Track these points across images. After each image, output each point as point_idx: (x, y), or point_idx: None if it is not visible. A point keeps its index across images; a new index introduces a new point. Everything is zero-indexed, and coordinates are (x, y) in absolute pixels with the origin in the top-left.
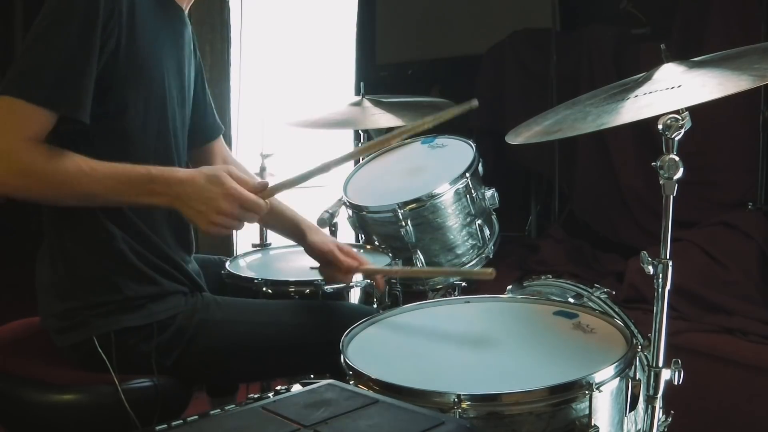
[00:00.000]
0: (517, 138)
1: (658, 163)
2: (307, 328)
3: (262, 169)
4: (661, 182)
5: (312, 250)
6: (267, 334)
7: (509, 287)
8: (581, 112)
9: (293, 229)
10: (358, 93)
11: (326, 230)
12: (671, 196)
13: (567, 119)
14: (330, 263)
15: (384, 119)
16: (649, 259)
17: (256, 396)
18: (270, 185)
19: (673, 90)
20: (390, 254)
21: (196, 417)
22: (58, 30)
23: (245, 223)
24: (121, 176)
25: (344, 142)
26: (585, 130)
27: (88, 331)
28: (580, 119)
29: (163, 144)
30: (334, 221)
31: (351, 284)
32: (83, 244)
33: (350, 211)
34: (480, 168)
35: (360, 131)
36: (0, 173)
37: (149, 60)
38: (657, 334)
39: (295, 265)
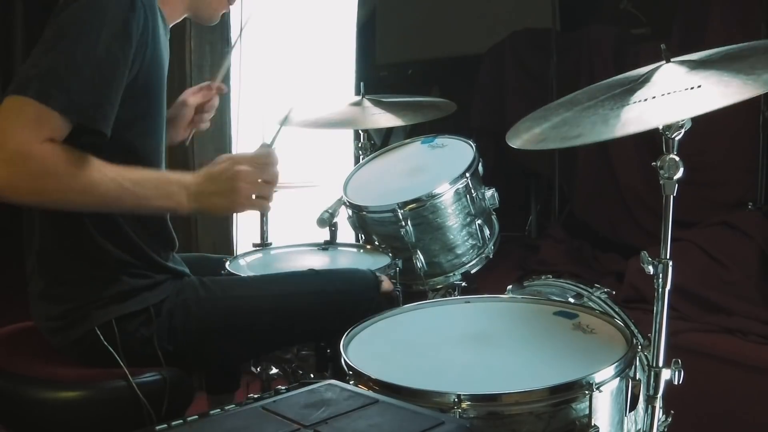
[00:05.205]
0: (519, 140)
1: (658, 163)
2: (294, 295)
3: None
4: (661, 182)
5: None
6: (252, 307)
7: (509, 287)
8: (599, 116)
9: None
10: (358, 93)
11: (326, 230)
12: (671, 196)
13: (585, 122)
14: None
15: (384, 119)
16: (649, 259)
17: (256, 396)
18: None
19: (685, 92)
20: (390, 254)
21: (196, 417)
22: (90, 37)
23: (274, 187)
24: (144, 181)
25: (344, 141)
26: (609, 136)
27: (88, 324)
28: (600, 123)
29: (158, 159)
30: (334, 221)
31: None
32: (72, 251)
33: (350, 211)
34: (480, 168)
35: (360, 131)
36: (14, 176)
37: (159, 77)
38: (657, 334)
39: (296, 264)
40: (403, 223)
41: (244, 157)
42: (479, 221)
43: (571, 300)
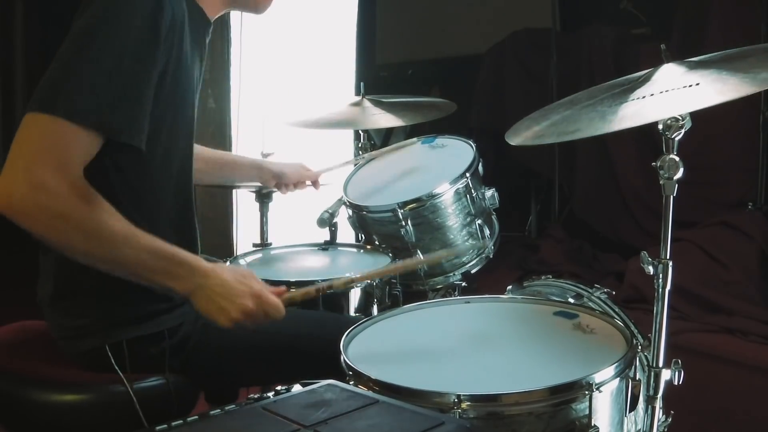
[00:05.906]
0: (518, 138)
1: (658, 163)
2: (308, 338)
3: None
4: (661, 182)
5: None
6: (267, 341)
7: (509, 287)
8: (597, 112)
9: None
10: (358, 93)
11: (326, 230)
12: (671, 196)
13: (583, 118)
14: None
15: (384, 119)
16: (649, 259)
17: (256, 396)
18: (289, 292)
19: (683, 90)
20: (390, 254)
21: (196, 417)
22: (118, 43)
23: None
24: (157, 252)
25: (344, 141)
26: (606, 130)
27: (100, 341)
28: (598, 119)
29: (184, 167)
30: (334, 221)
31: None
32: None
33: (350, 211)
34: (480, 168)
35: (360, 131)
36: (36, 207)
37: (187, 81)
38: (657, 334)
39: (296, 265)
40: (403, 222)
41: (261, 295)
42: (479, 221)
43: (571, 300)
